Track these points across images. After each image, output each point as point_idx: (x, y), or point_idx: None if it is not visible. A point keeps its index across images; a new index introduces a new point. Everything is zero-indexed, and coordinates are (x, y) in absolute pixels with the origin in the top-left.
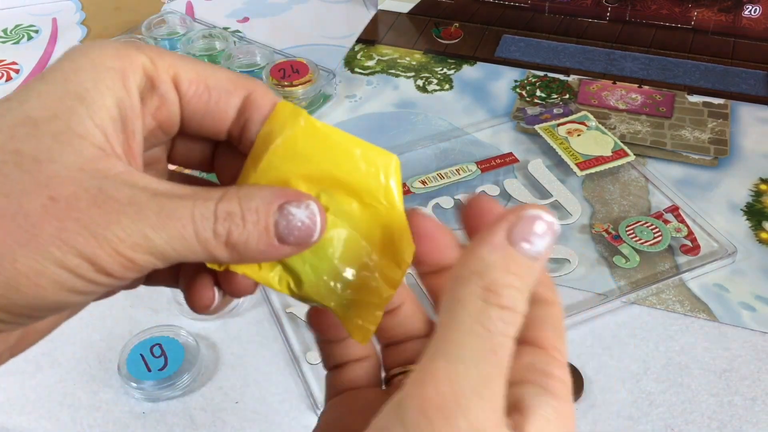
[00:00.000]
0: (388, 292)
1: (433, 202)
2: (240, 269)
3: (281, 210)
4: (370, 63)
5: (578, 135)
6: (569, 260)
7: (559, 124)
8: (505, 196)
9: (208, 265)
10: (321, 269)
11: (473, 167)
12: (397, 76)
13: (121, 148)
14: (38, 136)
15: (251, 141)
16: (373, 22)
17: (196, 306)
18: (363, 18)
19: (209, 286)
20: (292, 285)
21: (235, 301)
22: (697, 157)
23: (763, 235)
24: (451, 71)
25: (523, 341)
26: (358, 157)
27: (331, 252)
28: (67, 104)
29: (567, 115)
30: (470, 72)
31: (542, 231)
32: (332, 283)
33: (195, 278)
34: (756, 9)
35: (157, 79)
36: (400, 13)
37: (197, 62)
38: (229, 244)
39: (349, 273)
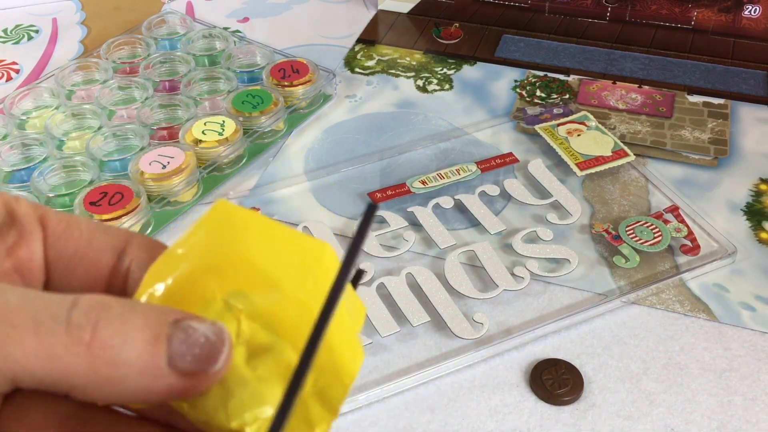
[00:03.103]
0: (326, 420)
1: (433, 202)
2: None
3: (177, 323)
4: (370, 63)
5: (578, 135)
6: (569, 260)
7: (559, 124)
8: (505, 196)
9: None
10: (241, 393)
11: (473, 167)
12: (397, 76)
13: None
14: None
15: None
16: (373, 22)
17: None
18: (363, 18)
19: None
20: (186, 410)
21: None
22: (697, 157)
23: (763, 235)
24: (451, 71)
25: None
26: (283, 243)
27: (252, 372)
28: None
29: (567, 115)
30: (470, 72)
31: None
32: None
33: None
34: (756, 9)
35: (18, 212)
36: (400, 13)
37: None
38: (95, 343)
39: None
